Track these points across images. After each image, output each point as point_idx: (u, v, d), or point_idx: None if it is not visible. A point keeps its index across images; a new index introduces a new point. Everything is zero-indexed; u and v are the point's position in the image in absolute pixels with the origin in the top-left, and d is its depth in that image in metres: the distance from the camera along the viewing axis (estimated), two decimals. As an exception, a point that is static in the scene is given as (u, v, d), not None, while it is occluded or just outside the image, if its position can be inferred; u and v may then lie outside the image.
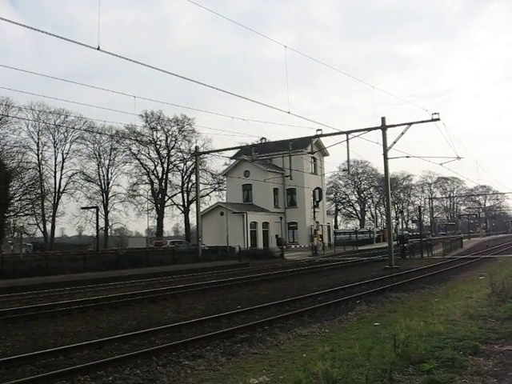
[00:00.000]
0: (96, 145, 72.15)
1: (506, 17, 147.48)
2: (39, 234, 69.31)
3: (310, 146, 40.75)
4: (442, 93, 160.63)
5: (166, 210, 76.33)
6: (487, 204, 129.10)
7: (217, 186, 76.42)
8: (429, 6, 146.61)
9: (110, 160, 73.52)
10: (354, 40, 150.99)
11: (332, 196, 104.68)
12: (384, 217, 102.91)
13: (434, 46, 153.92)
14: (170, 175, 75.55)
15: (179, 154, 73.98)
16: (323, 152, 58.98)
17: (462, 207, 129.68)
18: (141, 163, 74.26)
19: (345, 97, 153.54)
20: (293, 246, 57.64)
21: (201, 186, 61.37)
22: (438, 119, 29.23)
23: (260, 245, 55.63)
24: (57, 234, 77.05)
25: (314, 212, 48.09)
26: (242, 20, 66.25)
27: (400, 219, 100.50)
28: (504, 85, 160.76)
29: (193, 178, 70.49)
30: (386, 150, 30.90)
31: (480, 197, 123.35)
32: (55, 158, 68.85)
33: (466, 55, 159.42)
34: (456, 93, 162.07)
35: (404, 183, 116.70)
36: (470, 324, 9.71)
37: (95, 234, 58.43)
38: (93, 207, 63.04)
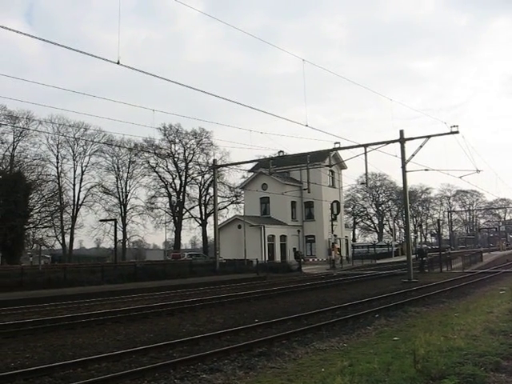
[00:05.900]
0: (115, 158, 72.85)
1: (511, 33, 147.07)
2: (58, 246, 70.00)
3: (327, 159, 40.65)
4: (455, 107, 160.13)
5: (183, 222, 76.58)
6: (507, 217, 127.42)
7: (234, 198, 76.62)
8: (434, 23, 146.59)
9: (128, 173, 74.10)
10: (363, 56, 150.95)
11: (350, 209, 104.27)
12: (402, 230, 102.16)
13: (443, 61, 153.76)
14: (187, 188, 75.87)
15: (197, 166, 74.39)
16: (341, 165, 58.93)
17: (482, 220, 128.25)
18: (159, 176, 74.72)
19: (358, 111, 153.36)
20: (310, 260, 57.38)
21: (218, 199, 61.66)
22: (457, 132, 28.96)
23: (277, 258, 55.50)
24: (75, 246, 77.64)
25: (332, 225, 47.86)
26: (252, 38, 66.72)
27: (419, 232, 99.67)
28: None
29: (210, 190, 70.79)
30: (404, 163, 30.72)
31: (500, 210, 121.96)
32: (74, 171, 69.64)
33: (475, 70, 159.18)
34: (469, 106, 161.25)
35: (423, 196, 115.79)
36: (491, 339, 9.55)
37: (113, 246, 58.70)
38: (111, 220, 63.32)
